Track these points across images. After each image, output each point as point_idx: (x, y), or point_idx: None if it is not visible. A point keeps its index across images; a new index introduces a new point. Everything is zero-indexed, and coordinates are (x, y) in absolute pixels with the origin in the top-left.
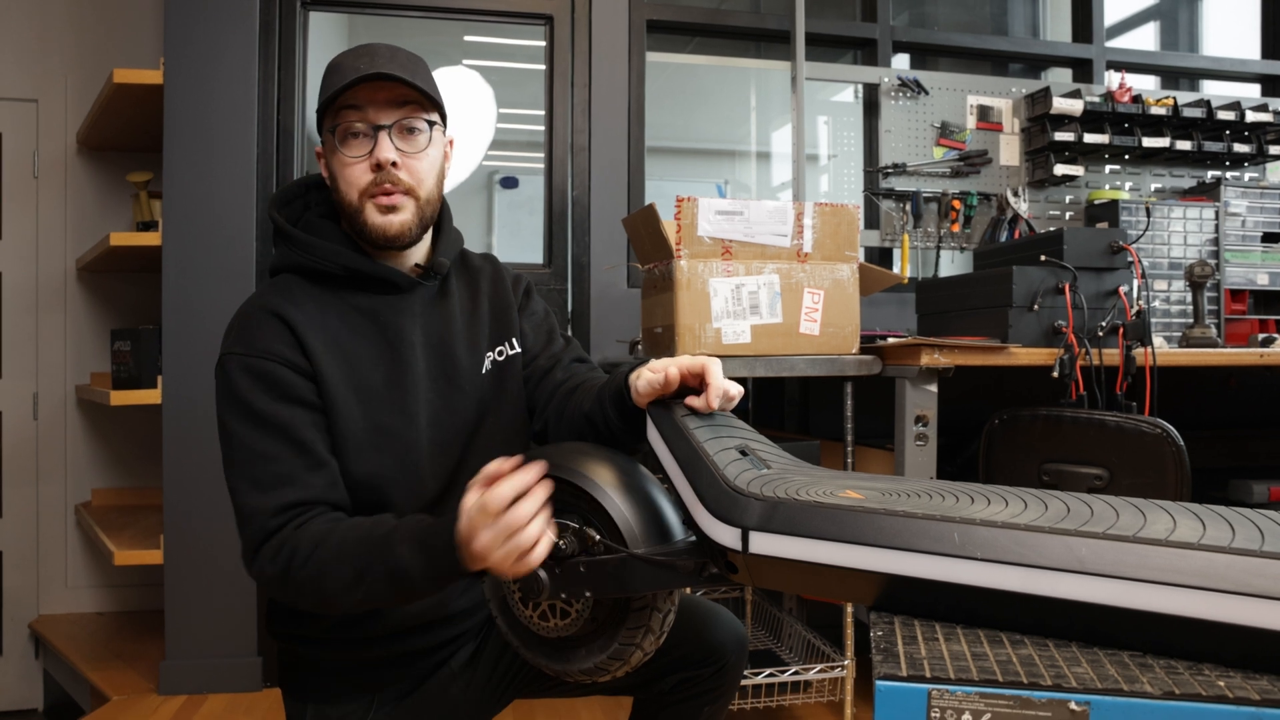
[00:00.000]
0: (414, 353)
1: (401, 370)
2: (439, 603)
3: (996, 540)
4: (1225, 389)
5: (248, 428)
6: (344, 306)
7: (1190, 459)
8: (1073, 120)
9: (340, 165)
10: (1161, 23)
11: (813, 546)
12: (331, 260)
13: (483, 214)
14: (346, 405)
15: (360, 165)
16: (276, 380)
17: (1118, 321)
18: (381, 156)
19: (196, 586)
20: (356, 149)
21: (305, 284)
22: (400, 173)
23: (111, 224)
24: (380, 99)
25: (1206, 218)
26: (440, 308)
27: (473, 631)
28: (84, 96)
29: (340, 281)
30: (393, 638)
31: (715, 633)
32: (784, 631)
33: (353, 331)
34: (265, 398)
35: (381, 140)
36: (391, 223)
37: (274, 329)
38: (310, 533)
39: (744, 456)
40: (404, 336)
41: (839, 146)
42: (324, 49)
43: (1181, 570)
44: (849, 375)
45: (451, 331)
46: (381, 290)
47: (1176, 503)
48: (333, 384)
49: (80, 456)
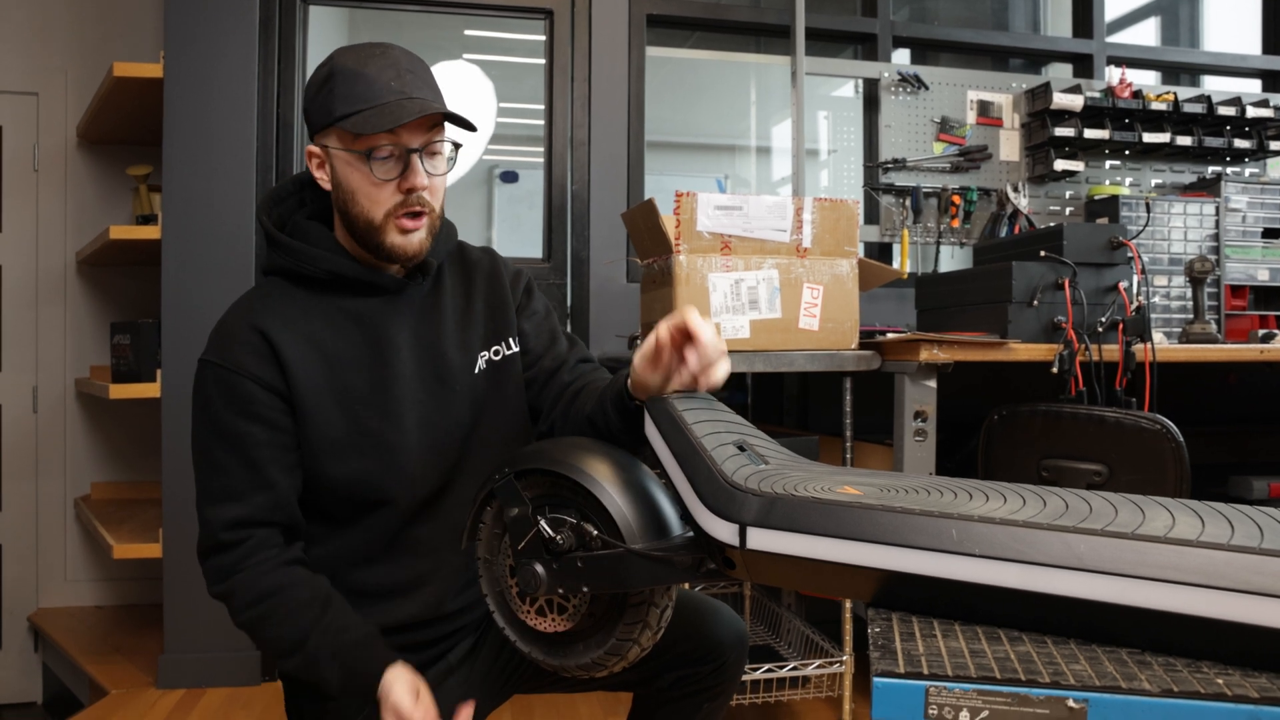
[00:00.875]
0: (399, 355)
1: (386, 373)
2: (436, 602)
3: (994, 536)
4: (1225, 385)
5: (209, 437)
6: (330, 310)
7: (1190, 455)
8: (1073, 115)
9: (365, 183)
10: (1162, 18)
11: (810, 542)
12: (317, 266)
13: (483, 208)
14: (324, 411)
15: (389, 186)
16: (241, 395)
17: (1117, 317)
18: (417, 182)
19: (195, 580)
20: (387, 170)
21: (292, 288)
22: (424, 194)
23: (111, 217)
24: (412, 123)
25: (1207, 213)
26: (431, 306)
27: (470, 626)
28: (84, 90)
29: (326, 285)
30: (389, 633)
31: (715, 630)
32: (783, 627)
33: (337, 335)
34: (227, 411)
35: (414, 165)
36: (411, 242)
37: (250, 343)
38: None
39: (741, 452)
40: (389, 339)
41: (839, 141)
42: (324, 43)
43: (1180, 567)
44: (848, 371)
45: (442, 331)
46: (369, 293)
47: (1175, 499)
48: (310, 391)
49: (79, 450)
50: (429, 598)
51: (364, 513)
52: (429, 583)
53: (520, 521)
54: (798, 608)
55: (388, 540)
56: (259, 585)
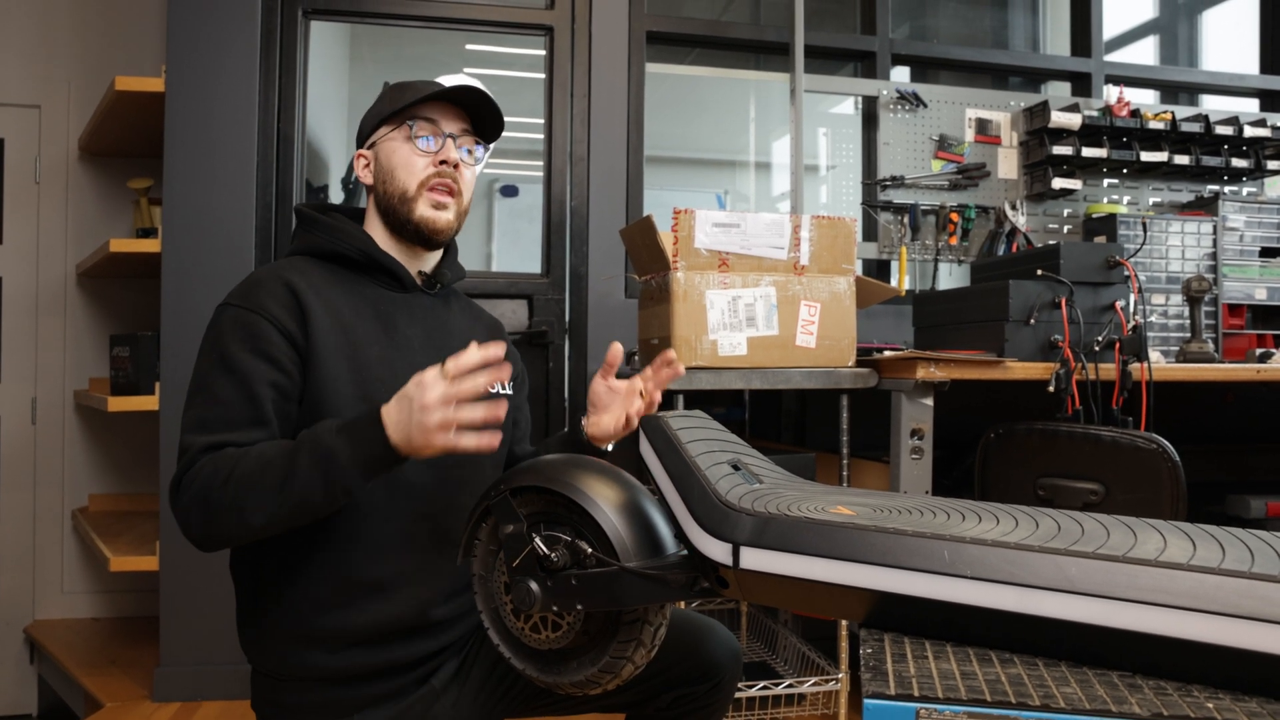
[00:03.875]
0: (411, 344)
1: (397, 354)
2: (419, 610)
3: (986, 558)
4: (1222, 404)
5: (215, 371)
6: (351, 292)
7: (1187, 474)
8: (1071, 134)
9: (406, 154)
10: (1161, 37)
11: (803, 562)
12: (350, 243)
13: (483, 221)
14: (337, 369)
15: (426, 158)
16: (257, 333)
17: (1114, 336)
18: (450, 156)
19: (191, 593)
20: (426, 145)
21: (318, 265)
22: (456, 173)
23: (112, 230)
24: (452, 114)
25: (1204, 232)
26: (442, 318)
27: (457, 646)
28: (86, 103)
29: (353, 266)
30: (371, 647)
31: (710, 650)
32: (779, 643)
33: (356, 313)
34: (239, 346)
35: (450, 144)
36: (440, 217)
37: (277, 292)
38: (229, 453)
39: (736, 471)
40: (402, 330)
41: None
42: (325, 58)
43: (1170, 591)
44: (845, 388)
45: (449, 341)
46: (387, 285)
47: (1169, 522)
48: (327, 349)
49: (78, 462)
50: (413, 598)
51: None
52: (414, 581)
53: (515, 538)
54: (794, 624)
55: (373, 527)
56: (228, 452)
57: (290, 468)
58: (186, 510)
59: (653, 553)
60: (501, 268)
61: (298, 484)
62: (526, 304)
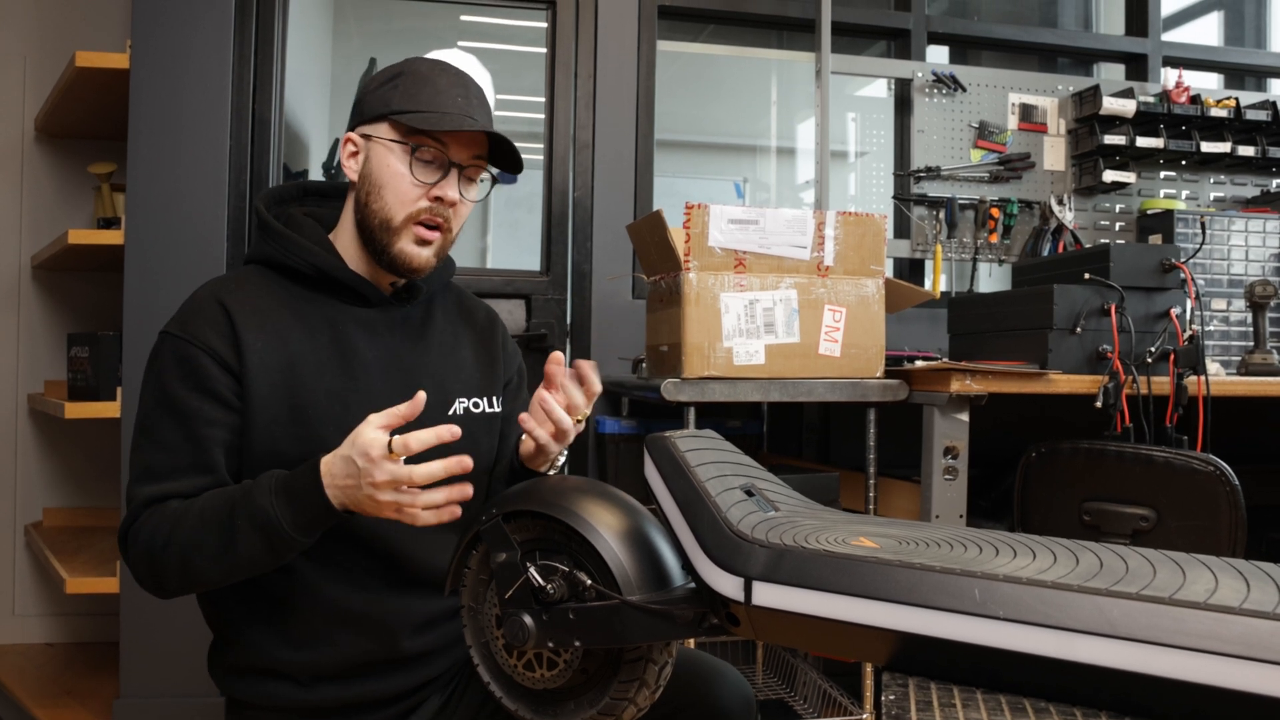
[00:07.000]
0: (366, 370)
1: (347, 385)
2: (389, 643)
3: (1021, 598)
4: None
5: (158, 411)
6: (305, 309)
7: (1248, 497)
8: (1124, 122)
9: (399, 179)
10: (1225, 14)
11: (821, 600)
12: (302, 258)
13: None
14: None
15: (421, 189)
16: (196, 368)
17: (1169, 347)
18: (449, 194)
19: (155, 619)
20: (427, 173)
21: (271, 279)
22: (450, 210)
23: (71, 218)
24: (464, 139)
25: (1270, 231)
26: (416, 334)
27: (439, 683)
28: (44, 79)
29: (308, 282)
30: (342, 681)
31: (719, 696)
32: (798, 679)
33: (305, 336)
34: (179, 384)
35: (451, 178)
36: (420, 254)
37: (213, 317)
38: (169, 509)
39: (750, 497)
40: (358, 353)
41: (868, 143)
42: (306, 32)
43: (1221, 637)
44: (872, 401)
45: (422, 361)
46: (351, 301)
47: (1220, 559)
48: (264, 392)
49: (31, 473)
50: (382, 629)
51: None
52: (383, 612)
53: (508, 568)
54: (814, 659)
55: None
56: (169, 508)
57: (231, 532)
58: (135, 565)
59: (658, 585)
60: (497, 264)
61: (240, 548)
62: (524, 304)
